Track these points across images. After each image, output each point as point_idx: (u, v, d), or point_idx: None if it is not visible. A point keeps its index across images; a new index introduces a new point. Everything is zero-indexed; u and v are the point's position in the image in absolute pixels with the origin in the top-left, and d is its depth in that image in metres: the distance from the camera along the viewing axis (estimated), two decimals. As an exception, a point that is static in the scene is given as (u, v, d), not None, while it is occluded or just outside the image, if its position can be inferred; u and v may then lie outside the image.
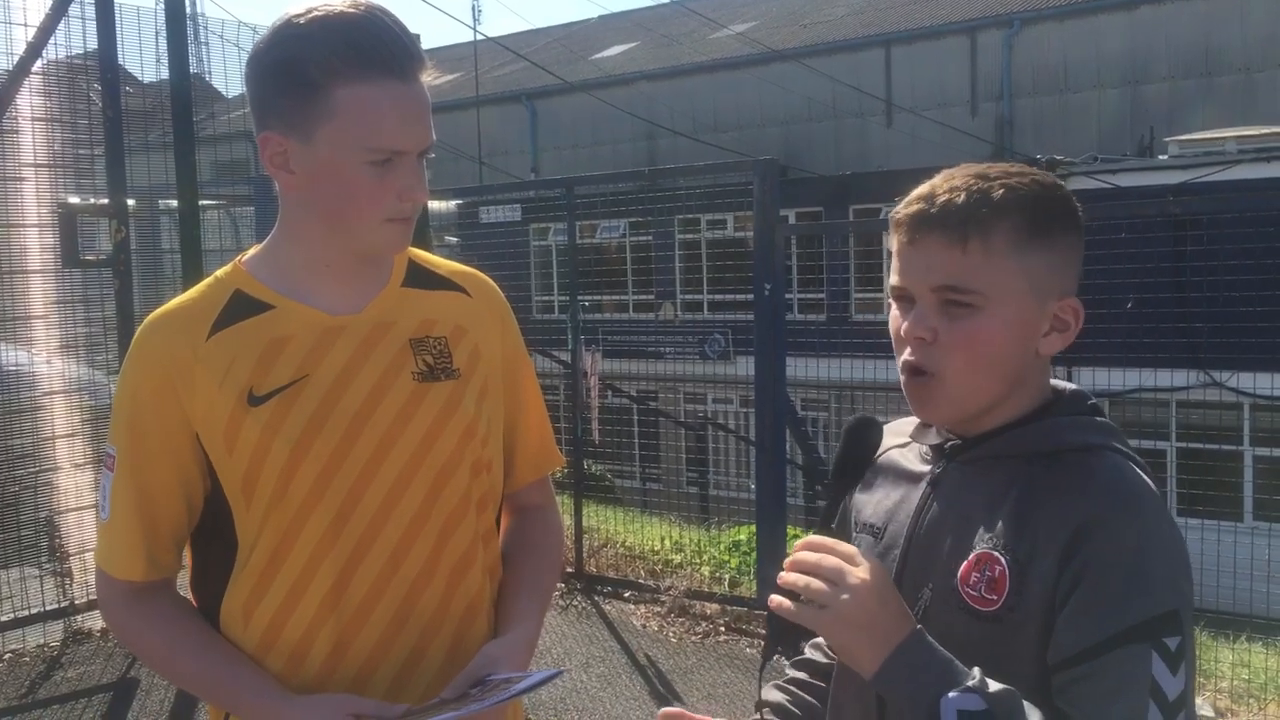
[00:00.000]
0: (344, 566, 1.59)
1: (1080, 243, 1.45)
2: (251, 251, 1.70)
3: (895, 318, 1.45)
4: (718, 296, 16.51)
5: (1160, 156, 16.77)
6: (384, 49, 1.51)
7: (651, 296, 16.76)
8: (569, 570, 6.76)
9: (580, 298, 7.16)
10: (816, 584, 1.34)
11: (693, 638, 5.93)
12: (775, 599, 1.37)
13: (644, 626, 6.10)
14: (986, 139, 23.24)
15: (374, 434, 1.61)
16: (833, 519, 1.51)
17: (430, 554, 1.64)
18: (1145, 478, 1.40)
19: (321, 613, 1.59)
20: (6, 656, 5.43)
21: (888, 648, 1.31)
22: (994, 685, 1.27)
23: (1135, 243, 8.39)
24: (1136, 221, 8.54)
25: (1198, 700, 4.87)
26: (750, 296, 6.11)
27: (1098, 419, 1.46)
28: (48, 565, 5.80)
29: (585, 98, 26.00)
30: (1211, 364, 12.02)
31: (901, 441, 1.58)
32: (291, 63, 1.51)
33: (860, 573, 1.34)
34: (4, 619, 5.50)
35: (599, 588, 6.70)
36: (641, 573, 6.84)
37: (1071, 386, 1.50)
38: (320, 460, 1.58)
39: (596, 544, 7.21)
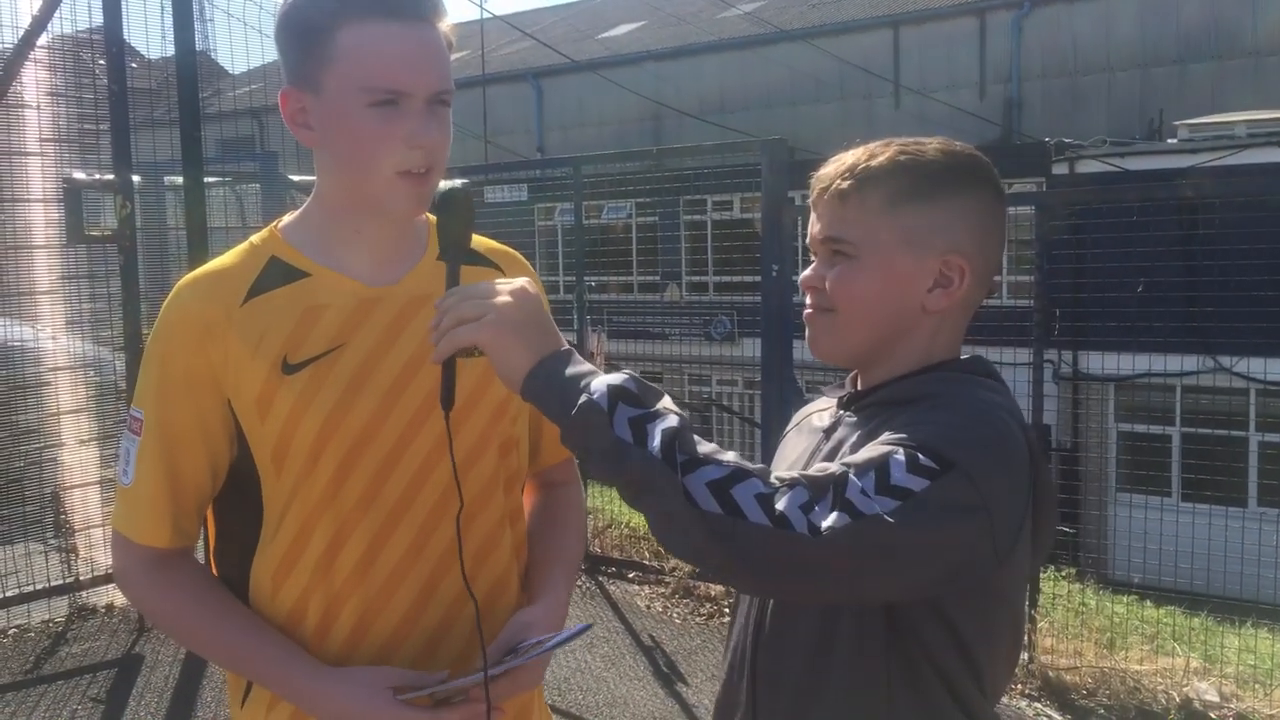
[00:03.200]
0: (371, 542, 1.58)
1: (982, 208, 1.52)
2: (288, 218, 1.69)
3: None
4: (723, 278, 16.47)
5: (1170, 140, 16.68)
6: None
7: (657, 277, 16.74)
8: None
9: (586, 278, 7.13)
10: (471, 302, 1.37)
11: (697, 619, 5.94)
12: (436, 352, 1.39)
13: (648, 607, 6.11)
14: (995, 121, 23.12)
15: (407, 408, 1.59)
16: (455, 283, 1.48)
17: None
18: (1005, 408, 1.44)
19: (347, 588, 1.58)
20: (11, 632, 5.44)
21: (543, 351, 1.35)
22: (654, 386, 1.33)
23: (1145, 226, 8.34)
24: (1146, 205, 8.50)
25: (1202, 684, 4.87)
26: (756, 278, 6.08)
27: (985, 379, 1.52)
28: (53, 541, 5.81)
29: (592, 77, 25.89)
30: (1218, 349, 11.99)
31: (824, 406, 1.68)
32: (298, 15, 1.52)
33: (513, 284, 1.40)
34: (9, 594, 5.52)
35: (603, 568, 6.70)
36: (646, 554, 6.84)
37: (975, 356, 1.57)
38: (352, 433, 1.56)
39: (601, 525, 7.21)
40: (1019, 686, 4.96)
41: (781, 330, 5.95)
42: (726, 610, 5.99)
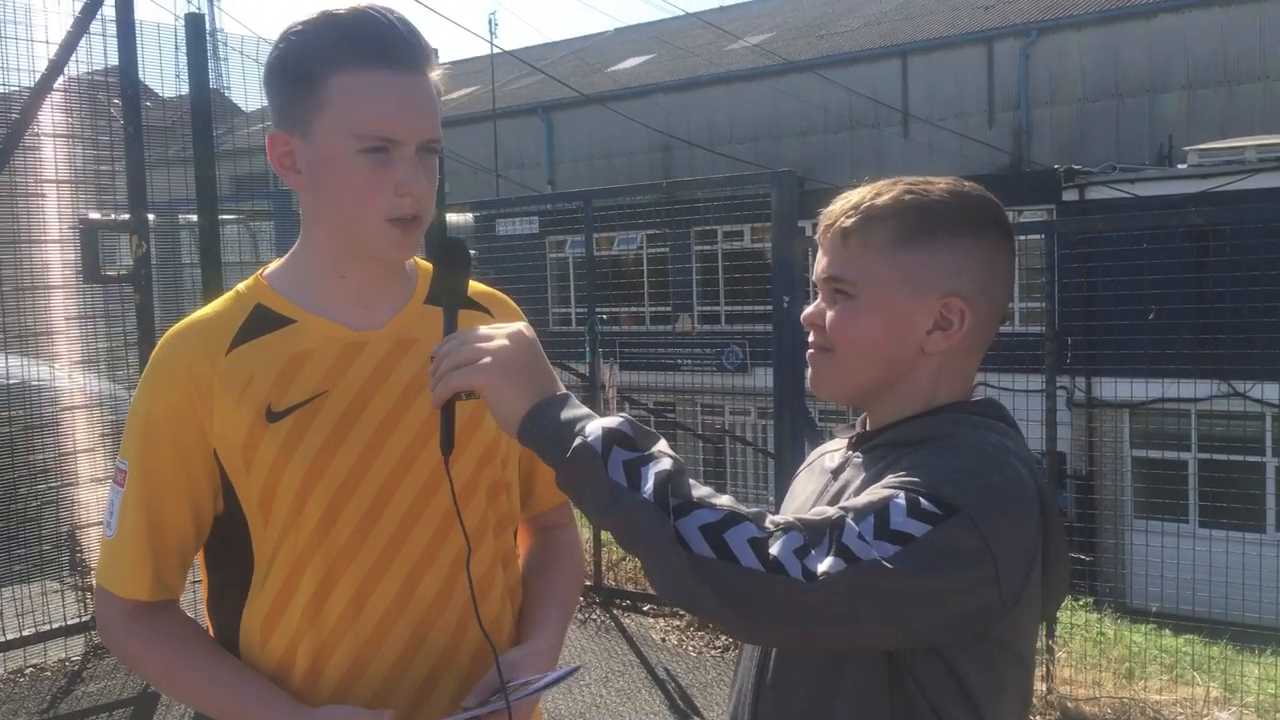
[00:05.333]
0: (360, 588, 1.57)
1: (987, 250, 1.50)
2: (273, 265, 1.68)
3: None
4: (735, 308, 16.50)
5: (1180, 165, 16.70)
6: (378, 39, 1.50)
7: (668, 308, 16.76)
8: (588, 583, 6.74)
9: (597, 310, 7.15)
10: (469, 347, 1.39)
11: (712, 651, 5.91)
12: (435, 397, 1.41)
13: (663, 640, 6.08)
14: (1004, 149, 23.18)
15: (393, 452, 1.58)
16: (453, 329, 1.50)
17: (447, 578, 1.61)
18: (1014, 452, 1.42)
19: (336, 635, 1.56)
20: (28, 671, 5.45)
21: (540, 395, 1.36)
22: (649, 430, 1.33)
23: (1156, 253, 8.34)
24: (1157, 231, 8.50)
25: (1223, 714, 4.83)
26: (768, 308, 6.10)
27: (996, 421, 1.50)
28: (69, 580, 5.81)
29: (601, 110, 26.04)
30: (1233, 374, 11.95)
31: (836, 447, 1.66)
32: (289, 58, 1.53)
33: (510, 329, 1.41)
34: (25, 633, 5.52)
35: (618, 601, 6.68)
36: (660, 586, 6.81)
37: (988, 397, 1.55)
38: (338, 478, 1.55)
39: (615, 557, 7.19)
40: (1037, 718, 4.92)
41: (793, 361, 5.95)
42: (742, 642, 5.97)
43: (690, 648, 5.96)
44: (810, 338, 1.56)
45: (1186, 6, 21.72)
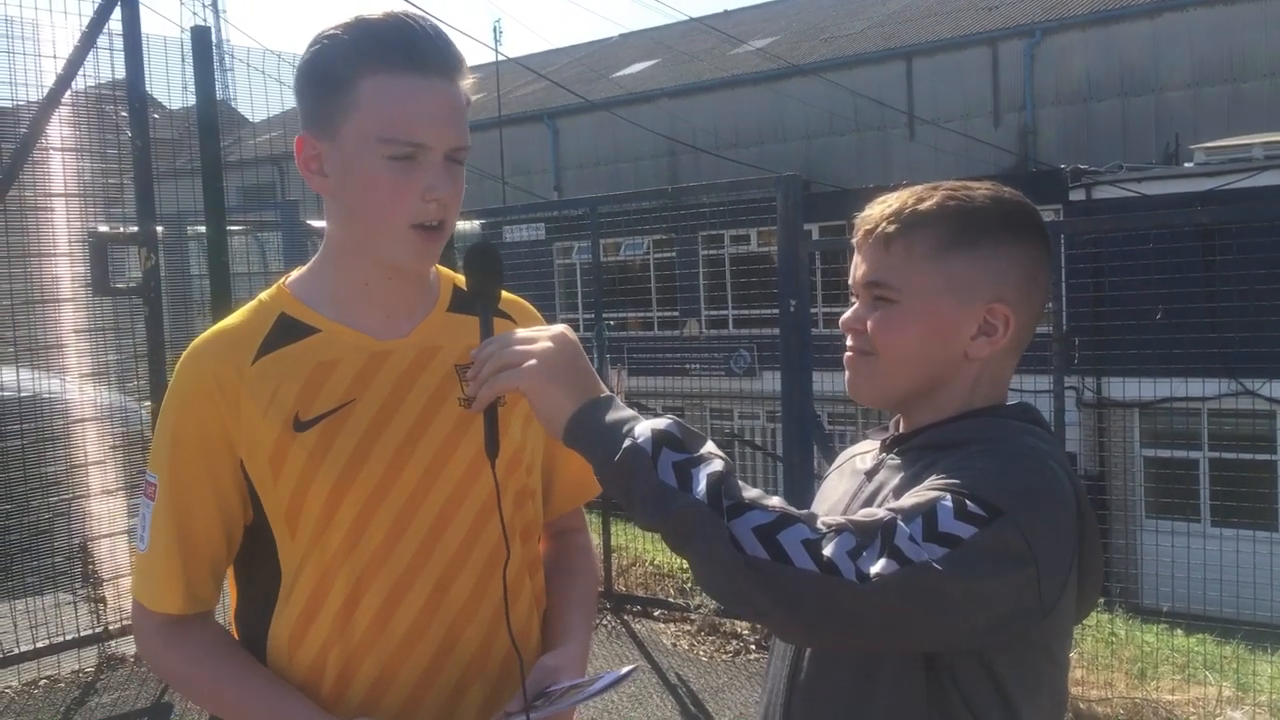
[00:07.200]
0: (389, 596, 1.57)
1: (1029, 256, 1.51)
2: (295, 274, 1.68)
3: None
4: (742, 312, 16.49)
5: (1186, 164, 16.66)
6: (409, 45, 1.50)
7: (676, 313, 16.76)
8: (599, 588, 6.73)
9: (605, 315, 7.16)
10: (512, 349, 1.38)
11: (723, 656, 5.91)
12: (478, 400, 1.41)
13: (674, 645, 6.08)
14: (1010, 150, 23.15)
15: (421, 461, 1.59)
16: (490, 332, 1.50)
17: (476, 585, 1.61)
18: (1053, 456, 1.42)
19: (366, 643, 1.56)
20: (42, 683, 5.46)
21: (584, 397, 1.36)
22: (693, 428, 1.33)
23: (1163, 251, 8.32)
24: (1164, 230, 8.48)
25: (1235, 713, 4.81)
26: (775, 311, 6.10)
27: (1032, 425, 1.51)
28: (81, 591, 5.83)
29: (606, 116, 26.08)
30: (1243, 372, 11.92)
31: (868, 448, 1.66)
32: (321, 62, 1.53)
33: (552, 330, 1.41)
34: (39, 645, 5.53)
35: (628, 606, 6.68)
36: (671, 591, 6.82)
37: (1023, 402, 1.56)
38: (367, 487, 1.55)
39: (625, 562, 7.19)
40: (1050, 718, 4.91)
41: (800, 364, 5.96)
42: (753, 647, 5.97)
43: (701, 652, 5.96)
44: (849, 341, 1.56)
45: (1190, 4, 21.69)
